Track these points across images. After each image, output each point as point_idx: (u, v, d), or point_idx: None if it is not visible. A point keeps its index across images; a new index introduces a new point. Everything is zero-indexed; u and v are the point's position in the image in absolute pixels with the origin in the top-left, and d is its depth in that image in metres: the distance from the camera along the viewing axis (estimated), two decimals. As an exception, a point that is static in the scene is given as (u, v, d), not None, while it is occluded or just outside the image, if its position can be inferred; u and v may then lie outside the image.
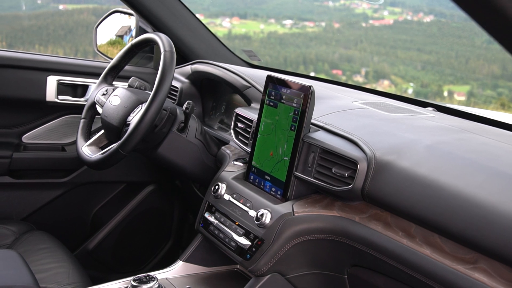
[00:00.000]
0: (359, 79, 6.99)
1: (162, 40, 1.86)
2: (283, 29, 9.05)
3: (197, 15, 2.46)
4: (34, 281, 1.33)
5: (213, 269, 1.80)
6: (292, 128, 1.57)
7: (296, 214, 1.49)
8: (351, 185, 1.40)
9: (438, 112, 1.92)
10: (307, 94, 1.52)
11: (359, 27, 8.60)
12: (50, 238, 2.07)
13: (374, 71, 7.20)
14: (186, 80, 2.29)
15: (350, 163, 1.43)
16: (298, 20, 8.99)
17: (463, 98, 5.64)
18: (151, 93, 1.77)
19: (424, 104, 2.03)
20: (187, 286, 1.68)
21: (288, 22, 9.00)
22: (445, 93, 6.05)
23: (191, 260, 1.77)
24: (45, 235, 2.09)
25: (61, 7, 8.82)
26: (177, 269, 1.75)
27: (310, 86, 1.52)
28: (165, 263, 1.78)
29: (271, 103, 1.64)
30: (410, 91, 6.48)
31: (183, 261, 1.76)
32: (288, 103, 1.58)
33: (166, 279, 1.71)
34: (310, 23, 8.94)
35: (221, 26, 8.58)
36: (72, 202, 2.56)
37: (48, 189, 2.48)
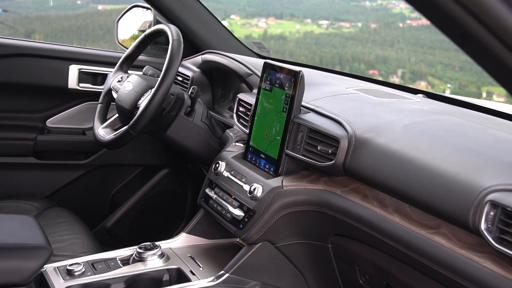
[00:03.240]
0: (395, 79, 6.96)
1: (171, 30, 2.00)
2: (319, 29, 9.06)
3: (233, 16, 2.57)
4: (46, 241, 1.45)
5: (213, 241, 1.93)
6: (284, 110, 1.69)
7: (284, 188, 1.62)
8: (333, 161, 1.53)
9: (427, 98, 2.01)
10: (297, 78, 1.65)
11: (396, 27, 8.57)
12: (69, 214, 2.21)
13: (410, 72, 7.14)
14: (197, 70, 2.42)
15: (333, 141, 1.55)
16: (334, 21, 8.98)
17: (502, 100, 5.60)
18: (159, 79, 1.92)
19: (415, 92, 2.13)
20: (189, 255, 1.82)
21: (324, 22, 9.00)
22: (484, 94, 6.01)
23: (194, 232, 1.91)
24: (65, 211, 2.23)
25: (100, 7, 9.02)
26: (180, 240, 1.89)
27: (299, 71, 1.65)
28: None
29: (267, 88, 1.77)
30: (447, 92, 6.45)
31: (186, 233, 1.90)
32: (281, 87, 1.71)
33: (170, 248, 1.85)
34: (347, 23, 8.94)
35: (256, 27, 8.64)
36: (92, 182, 2.70)
37: (70, 170, 2.64)
